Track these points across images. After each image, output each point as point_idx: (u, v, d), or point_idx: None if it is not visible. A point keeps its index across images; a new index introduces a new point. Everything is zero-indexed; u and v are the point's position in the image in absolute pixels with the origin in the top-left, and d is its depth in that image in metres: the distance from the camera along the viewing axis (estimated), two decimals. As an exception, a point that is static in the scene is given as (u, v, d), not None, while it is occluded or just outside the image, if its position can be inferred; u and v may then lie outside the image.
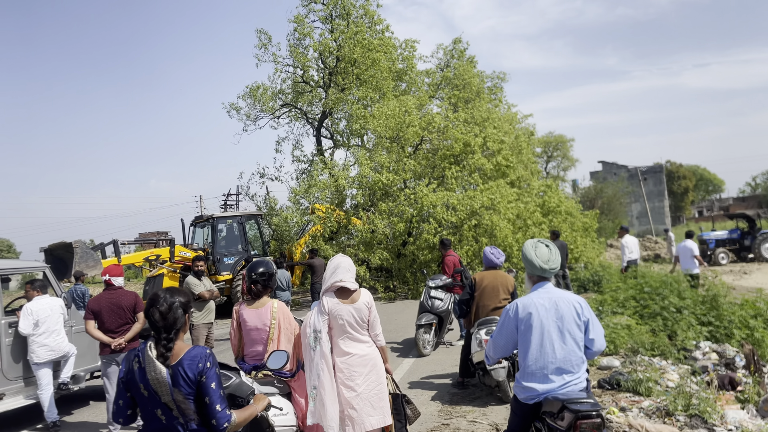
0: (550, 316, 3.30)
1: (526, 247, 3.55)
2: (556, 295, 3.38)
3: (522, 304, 3.36)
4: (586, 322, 3.35)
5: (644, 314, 9.66)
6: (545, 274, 3.44)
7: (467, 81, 23.03)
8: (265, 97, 24.15)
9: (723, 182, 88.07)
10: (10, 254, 55.60)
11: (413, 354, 8.82)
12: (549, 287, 3.42)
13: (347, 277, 4.15)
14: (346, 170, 19.06)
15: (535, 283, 3.47)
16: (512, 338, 3.41)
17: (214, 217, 17.60)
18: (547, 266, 3.42)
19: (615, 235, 36.48)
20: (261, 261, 4.52)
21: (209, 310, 7.73)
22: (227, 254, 17.19)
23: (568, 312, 3.31)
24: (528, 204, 18.18)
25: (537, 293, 3.40)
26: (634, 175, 57.56)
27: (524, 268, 3.65)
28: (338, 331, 4.14)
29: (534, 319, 3.30)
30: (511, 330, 3.39)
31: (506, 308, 3.45)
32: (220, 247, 17.28)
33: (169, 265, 16.09)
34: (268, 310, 4.33)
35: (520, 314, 3.34)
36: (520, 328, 3.34)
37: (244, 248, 17.59)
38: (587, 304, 3.43)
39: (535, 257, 3.44)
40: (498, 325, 3.49)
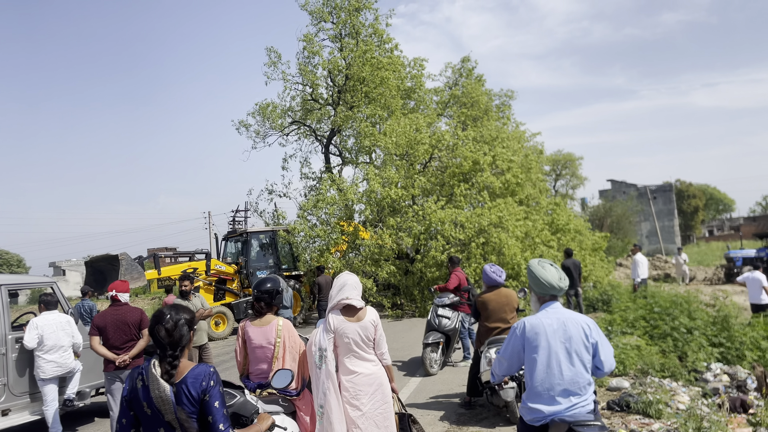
0: (557, 337, 3.26)
1: (534, 267, 3.51)
2: (565, 315, 3.34)
3: (529, 323, 3.33)
4: (595, 344, 3.31)
5: (654, 335, 9.55)
6: (558, 293, 3.41)
7: (475, 99, 23.12)
8: (274, 115, 24.30)
9: (733, 201, 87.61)
10: (20, 269, 55.85)
11: (420, 373, 8.74)
12: (557, 307, 3.39)
13: (353, 295, 4.13)
14: (355, 186, 19.11)
15: (544, 303, 3.44)
16: (518, 357, 3.37)
17: (248, 232, 18.21)
18: (560, 285, 3.39)
19: (624, 254, 36.27)
20: (268, 278, 4.51)
21: (199, 332, 7.61)
22: (260, 268, 17.61)
23: (576, 333, 3.27)
24: (536, 222, 18.11)
25: (545, 313, 3.37)
26: (644, 193, 57.33)
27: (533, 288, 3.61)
28: (344, 350, 4.12)
29: (541, 339, 3.26)
30: (518, 349, 3.35)
31: (513, 326, 3.41)
32: (253, 262, 17.67)
33: (205, 278, 16.59)
34: (273, 328, 4.31)
35: (527, 333, 3.30)
36: (526, 347, 3.30)
37: (275, 263, 18.13)
38: (596, 325, 3.39)
39: (547, 276, 3.41)
40: (504, 343, 3.45)
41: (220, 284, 17.11)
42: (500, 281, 6.41)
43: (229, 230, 19.88)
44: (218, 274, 17.02)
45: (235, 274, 17.62)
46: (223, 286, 17.21)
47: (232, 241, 18.98)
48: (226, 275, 17.37)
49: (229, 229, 20.44)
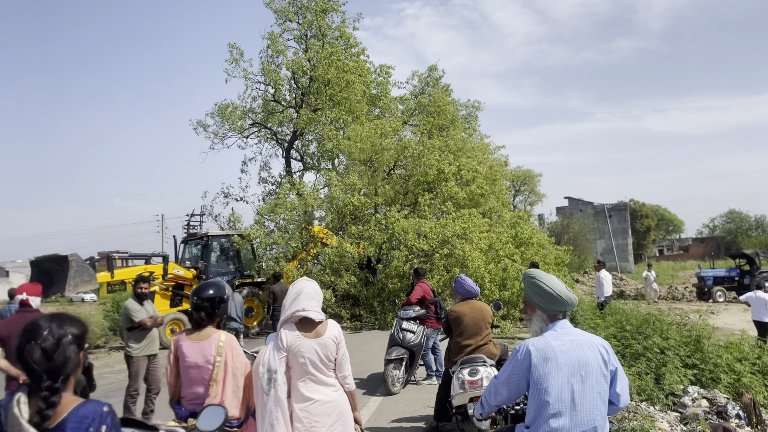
0: (570, 364, 2.62)
1: (539, 277, 2.85)
2: (579, 336, 2.71)
3: (536, 347, 2.67)
4: (614, 372, 2.69)
5: (626, 354, 9.09)
6: (569, 309, 2.77)
7: (442, 108, 22.69)
8: (234, 116, 23.40)
9: (683, 222, 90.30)
10: (-37, 269, 52.81)
11: (381, 392, 8.04)
12: (568, 327, 2.76)
13: (311, 306, 3.42)
14: (316, 192, 18.35)
15: (552, 321, 2.80)
16: (520, 386, 2.71)
17: (209, 236, 17.29)
18: (571, 297, 2.76)
19: (581, 270, 36.42)
20: (210, 283, 3.75)
21: (151, 340, 6.75)
22: (220, 273, 16.84)
23: (593, 358, 2.64)
24: (501, 234, 17.70)
25: (554, 334, 2.72)
26: (600, 211, 58.26)
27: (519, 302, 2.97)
28: (298, 372, 3.40)
29: (551, 366, 2.61)
30: (519, 378, 2.69)
31: (515, 349, 2.75)
32: (213, 267, 16.89)
33: (161, 283, 15.72)
34: (212, 343, 3.55)
35: (534, 360, 2.64)
36: (532, 377, 2.64)
37: (237, 268, 17.36)
38: (611, 348, 2.77)
39: (558, 288, 2.77)
40: (503, 370, 2.78)
41: (177, 289, 16.20)
42: (476, 292, 5.79)
43: (187, 233, 18.84)
44: (176, 278, 16.18)
45: (193, 279, 16.69)
46: (181, 291, 16.30)
47: (191, 244, 18.04)
48: (184, 280, 16.45)
49: (184, 234, 19.45)
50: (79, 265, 13.65)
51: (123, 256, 17.25)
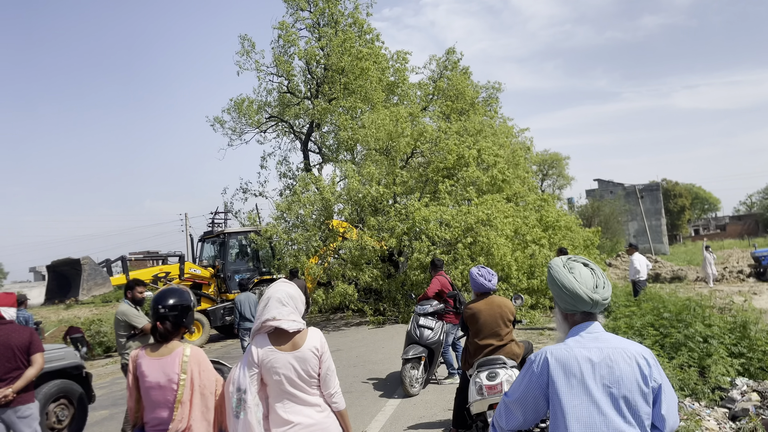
0: (599, 379, 2.01)
1: (555, 268, 2.24)
2: (611, 344, 2.09)
3: (555, 356, 2.07)
4: (656, 389, 2.07)
5: (665, 344, 8.38)
6: (593, 309, 2.17)
7: (461, 91, 21.94)
8: (250, 111, 22.99)
9: (718, 200, 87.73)
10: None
11: (398, 393, 7.49)
12: (597, 331, 2.15)
13: (283, 313, 2.88)
14: (333, 185, 17.85)
15: (575, 324, 2.20)
16: (537, 406, 2.11)
17: (225, 233, 17.10)
18: (594, 296, 2.14)
19: (613, 254, 35.32)
20: (172, 290, 3.24)
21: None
22: (238, 271, 16.60)
23: (629, 373, 2.03)
24: (527, 219, 16.94)
25: (578, 340, 2.11)
26: (631, 193, 56.70)
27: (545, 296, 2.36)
28: (275, 391, 2.87)
29: (574, 381, 2.02)
30: (537, 396, 2.09)
31: (530, 360, 2.14)
32: (231, 265, 16.63)
33: (178, 283, 15.42)
34: (176, 359, 3.04)
35: (553, 373, 2.05)
36: (552, 393, 2.05)
37: (255, 266, 17.16)
38: (655, 359, 2.15)
39: (574, 283, 2.16)
40: (515, 385, 2.17)
41: (195, 289, 15.94)
42: (490, 287, 5.17)
43: (205, 231, 18.59)
44: (193, 278, 15.93)
45: (211, 278, 16.43)
46: (199, 291, 16.04)
47: (208, 242, 17.79)
48: (202, 279, 16.20)
49: (208, 230, 19.22)
50: (92, 268, 13.45)
51: (139, 257, 17.02)
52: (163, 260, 17.33)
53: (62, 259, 14.42)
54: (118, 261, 15.33)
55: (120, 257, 15.38)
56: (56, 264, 14.64)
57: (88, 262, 13.67)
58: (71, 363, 6.52)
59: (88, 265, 13.61)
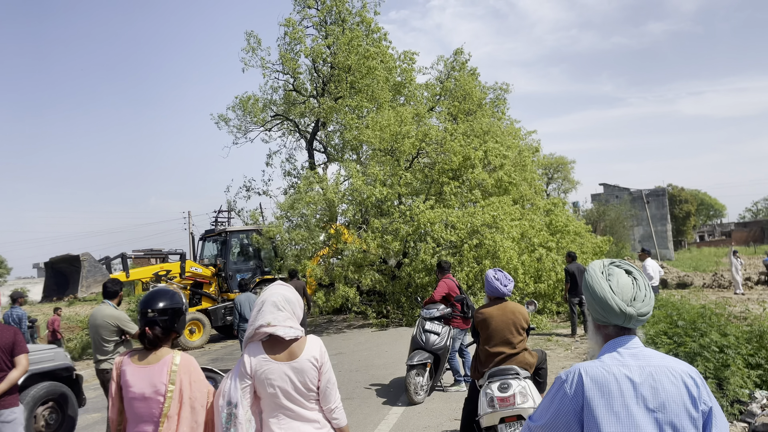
0: (642, 402, 1.72)
1: (591, 272, 1.95)
2: (653, 361, 1.79)
3: (591, 376, 1.77)
4: (707, 414, 1.77)
5: (680, 353, 8.06)
6: (626, 324, 1.88)
7: (468, 92, 21.63)
8: (255, 109, 22.76)
9: (724, 207, 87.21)
10: (1, 270, 54.00)
11: (402, 401, 7.20)
12: (637, 346, 1.85)
13: (278, 319, 2.60)
14: (337, 185, 17.58)
15: (612, 338, 1.91)
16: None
17: (227, 232, 16.91)
18: (629, 310, 1.85)
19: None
20: (160, 292, 2.96)
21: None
22: (240, 271, 16.43)
23: (675, 394, 1.74)
24: (533, 222, 16.63)
25: (616, 358, 1.82)
26: (637, 198, 56.34)
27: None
28: (269, 405, 2.60)
29: (615, 403, 1.72)
30: (569, 422, 1.77)
31: (560, 378, 1.84)
32: (232, 264, 16.41)
33: (179, 281, 15.35)
34: (163, 368, 2.76)
35: (589, 395, 1.75)
36: (588, 419, 1.75)
37: (257, 265, 16.95)
38: (703, 379, 1.85)
39: (606, 291, 1.87)
40: (543, 408, 1.85)
41: (195, 288, 15.71)
42: (505, 291, 4.88)
43: (207, 230, 18.39)
44: (194, 276, 15.72)
45: (212, 276, 16.22)
46: (200, 290, 15.84)
47: (210, 241, 17.56)
48: (203, 278, 15.97)
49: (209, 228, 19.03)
50: (91, 265, 13.25)
51: (139, 254, 16.79)
52: (164, 258, 17.09)
53: (61, 255, 14.22)
54: (118, 258, 15.10)
55: (120, 254, 15.14)
56: (55, 260, 14.44)
57: (88, 259, 13.47)
58: (60, 364, 6.25)
59: (88, 262, 13.42)
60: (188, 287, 15.57)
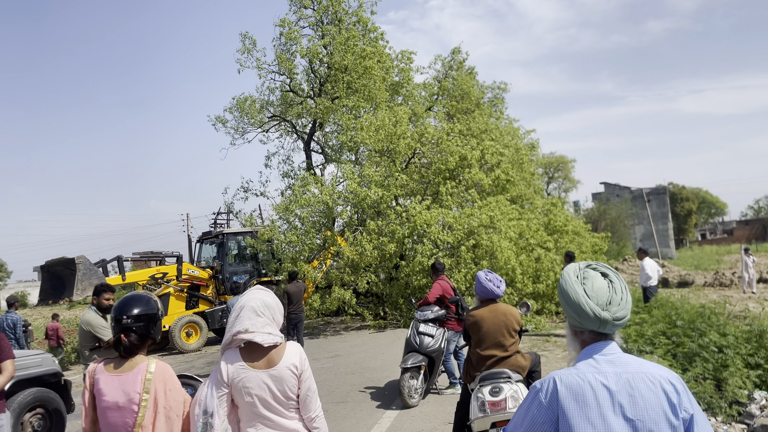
0: (619, 410, 1.64)
1: (565, 276, 1.87)
2: (630, 368, 1.71)
3: (565, 384, 1.70)
4: (688, 421, 1.69)
5: (678, 354, 7.98)
6: (601, 329, 1.80)
7: (466, 92, 21.55)
8: (252, 110, 22.70)
9: (726, 205, 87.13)
10: (1, 273, 53.99)
11: (396, 404, 7.11)
12: (613, 352, 1.77)
13: (257, 325, 2.52)
14: (334, 186, 17.48)
15: (588, 344, 1.83)
16: None
17: (224, 234, 16.77)
18: (603, 314, 1.76)
19: (620, 258, 34.86)
20: (136, 297, 2.87)
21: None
22: (237, 273, 16.34)
23: (653, 402, 1.66)
24: (530, 221, 16.55)
25: (591, 364, 1.74)
26: (638, 196, 56.22)
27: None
28: (247, 415, 2.51)
29: (591, 413, 1.64)
30: (543, 430, 1.72)
31: (534, 389, 1.76)
32: (229, 266, 16.38)
33: (176, 284, 15.30)
34: (138, 376, 2.67)
35: (563, 403, 1.67)
36: (562, 428, 1.67)
37: (254, 267, 16.85)
38: (685, 385, 1.77)
39: (580, 296, 1.78)
40: (518, 419, 1.77)
41: (193, 290, 15.63)
42: (497, 293, 4.78)
43: (204, 232, 18.31)
44: (191, 279, 15.60)
45: (209, 279, 16.11)
46: (197, 292, 15.74)
47: (207, 243, 17.47)
48: (200, 281, 15.88)
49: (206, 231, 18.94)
50: (86, 268, 13.17)
51: (136, 257, 16.71)
52: (161, 261, 17.01)
53: (57, 258, 14.14)
54: (115, 261, 15.02)
55: (116, 257, 15.06)
56: (51, 264, 14.37)
57: (83, 262, 13.40)
58: (48, 370, 6.16)
59: (83, 265, 13.35)
60: (185, 290, 15.48)
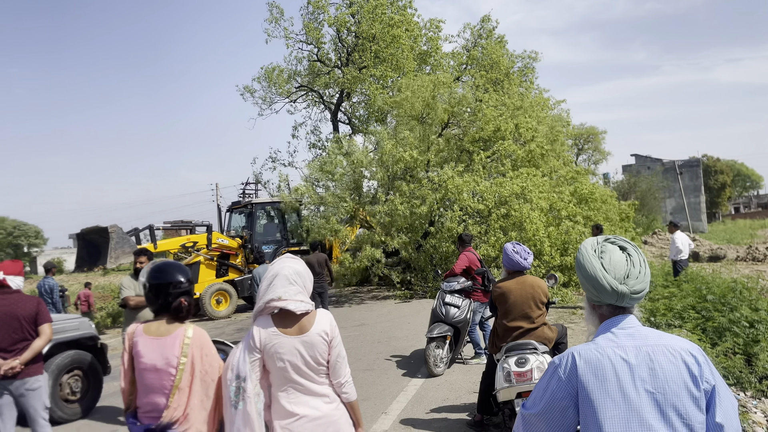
0: (640, 384, 1.64)
1: (582, 250, 1.87)
2: (650, 341, 1.71)
3: (584, 358, 1.70)
4: (709, 392, 1.68)
5: (708, 328, 7.89)
6: (619, 303, 1.79)
7: (496, 61, 21.15)
8: (280, 80, 22.69)
9: (761, 178, 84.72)
10: (38, 240, 55.33)
11: (422, 373, 7.21)
12: (632, 326, 1.76)
13: (290, 293, 2.58)
14: (366, 150, 17.44)
15: (606, 318, 1.82)
16: (566, 421, 1.71)
17: (253, 203, 17.02)
18: (621, 288, 1.75)
19: (650, 231, 34.31)
20: (173, 264, 2.96)
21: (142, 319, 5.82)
22: (266, 242, 16.58)
23: (674, 374, 1.65)
24: (562, 194, 16.33)
25: (610, 338, 1.73)
26: (669, 169, 54.96)
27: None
28: (278, 379, 2.58)
29: (610, 386, 1.64)
30: (565, 407, 1.71)
31: (553, 364, 1.76)
32: (258, 235, 16.61)
33: (206, 253, 15.56)
34: (176, 340, 2.76)
35: (583, 378, 1.68)
36: (583, 404, 1.68)
37: (283, 236, 17.08)
38: (706, 356, 1.76)
39: (597, 269, 1.78)
40: (536, 395, 1.78)
41: (222, 259, 15.94)
42: (525, 265, 4.78)
43: (233, 202, 18.57)
44: (220, 248, 15.88)
45: (239, 248, 16.40)
46: (226, 261, 16.05)
47: (236, 212, 17.77)
48: (230, 249, 16.17)
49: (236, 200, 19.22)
50: (119, 236, 13.49)
51: (167, 226, 17.06)
52: (191, 230, 17.34)
53: (91, 227, 14.50)
54: (146, 229, 15.34)
55: (148, 226, 15.37)
56: (86, 232, 14.75)
57: (116, 231, 13.71)
58: (85, 334, 6.38)
59: (116, 234, 13.66)
60: (215, 258, 15.78)
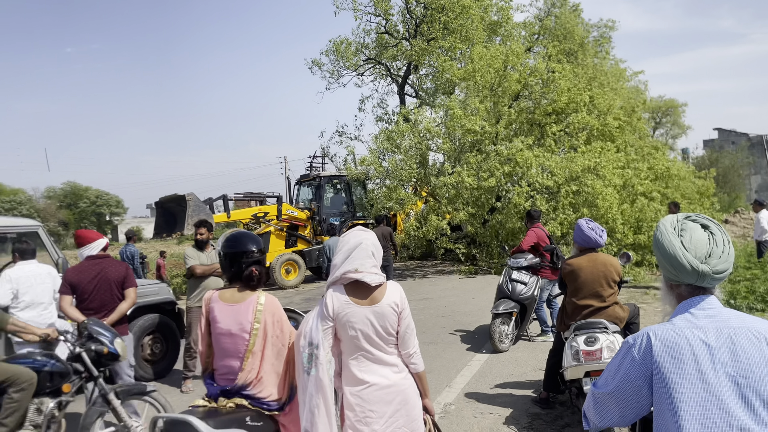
0: (720, 367, 1.58)
1: (661, 228, 1.79)
2: (732, 323, 1.63)
3: (660, 339, 1.64)
4: None
5: (794, 313, 7.47)
6: (699, 283, 1.71)
7: (569, 31, 20.37)
8: (348, 53, 22.73)
9: None
10: (119, 209, 58.15)
11: (487, 348, 7.20)
12: (712, 307, 1.68)
13: (367, 266, 2.63)
14: (433, 121, 17.30)
15: (684, 298, 1.75)
16: (639, 402, 1.68)
17: (321, 177, 17.42)
18: (702, 267, 1.67)
19: (731, 209, 32.54)
20: (247, 234, 3.08)
21: (205, 290, 5.93)
22: (333, 215, 16.98)
23: (758, 358, 1.57)
24: (638, 171, 15.67)
25: (689, 319, 1.67)
26: (756, 144, 51.73)
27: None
28: (349, 347, 2.65)
29: (688, 368, 1.59)
30: (638, 387, 1.66)
31: (627, 344, 1.71)
32: (326, 208, 17.05)
33: (276, 223, 16.12)
34: (249, 307, 2.88)
35: (659, 359, 1.62)
36: (658, 386, 1.64)
37: (349, 209, 17.48)
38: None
39: (677, 248, 1.70)
40: (608, 375, 1.74)
41: (291, 230, 16.43)
42: (600, 242, 4.66)
43: (302, 174, 18.98)
44: (290, 219, 16.38)
45: (307, 220, 16.84)
46: (295, 232, 16.53)
47: (305, 185, 18.20)
48: (298, 221, 16.65)
49: (304, 173, 19.65)
50: (196, 204, 13.98)
51: (237, 197, 17.60)
52: (262, 201, 17.84)
53: (169, 195, 15.10)
54: (220, 200, 15.89)
55: (221, 196, 15.89)
56: (164, 200, 15.39)
57: (193, 199, 14.21)
58: (164, 298, 6.75)
59: (193, 202, 14.15)
60: (284, 229, 16.23)
